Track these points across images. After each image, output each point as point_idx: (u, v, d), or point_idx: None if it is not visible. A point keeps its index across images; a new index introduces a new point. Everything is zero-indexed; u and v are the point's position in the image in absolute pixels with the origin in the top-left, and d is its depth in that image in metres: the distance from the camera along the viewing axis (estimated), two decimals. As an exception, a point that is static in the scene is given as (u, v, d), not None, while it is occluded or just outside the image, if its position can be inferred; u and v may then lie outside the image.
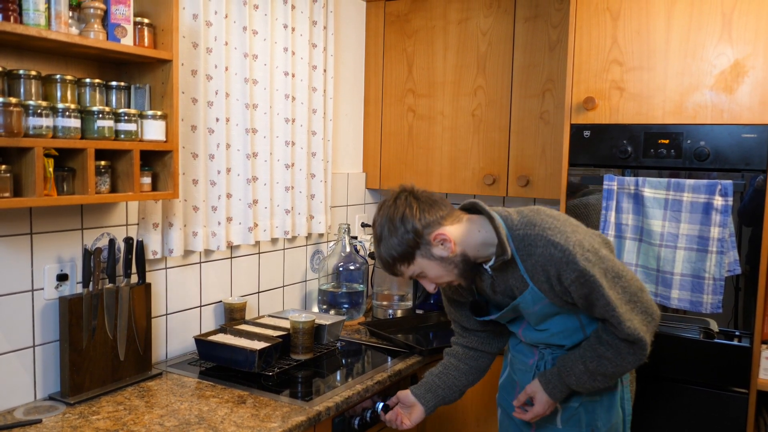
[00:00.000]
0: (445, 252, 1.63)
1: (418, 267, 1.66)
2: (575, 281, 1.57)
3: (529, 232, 1.62)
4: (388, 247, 1.63)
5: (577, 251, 1.56)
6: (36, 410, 1.76)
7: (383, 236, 1.64)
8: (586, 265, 1.56)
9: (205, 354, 2.15)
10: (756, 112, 2.07)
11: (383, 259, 1.67)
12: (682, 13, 2.15)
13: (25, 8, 1.52)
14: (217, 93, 2.25)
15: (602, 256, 1.59)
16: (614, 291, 1.58)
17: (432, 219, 1.63)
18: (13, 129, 1.50)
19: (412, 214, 1.61)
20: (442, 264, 1.65)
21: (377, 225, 1.66)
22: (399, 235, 1.61)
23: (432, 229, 1.62)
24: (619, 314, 1.57)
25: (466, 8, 2.88)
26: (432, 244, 1.63)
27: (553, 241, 1.58)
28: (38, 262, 1.83)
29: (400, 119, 3.10)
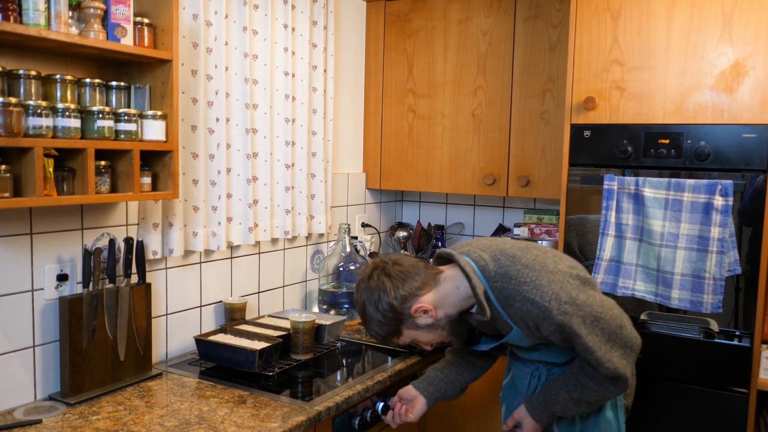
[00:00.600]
0: (429, 320, 1.68)
1: (408, 337, 1.72)
2: (553, 332, 1.61)
3: (506, 285, 1.63)
4: (375, 325, 1.69)
5: (552, 306, 1.57)
6: (36, 410, 1.76)
7: (367, 315, 1.70)
8: (563, 318, 1.57)
9: (205, 354, 2.14)
10: (756, 112, 2.07)
11: (375, 335, 1.73)
12: (683, 13, 2.15)
13: (25, 8, 1.52)
14: (218, 93, 2.25)
15: (580, 304, 1.58)
16: (593, 335, 1.59)
17: (407, 293, 1.65)
18: (13, 129, 1.49)
19: (386, 294, 1.65)
20: (429, 330, 1.70)
21: (359, 305, 1.71)
22: (381, 315, 1.66)
23: (410, 303, 1.66)
24: (598, 357, 1.60)
25: (466, 8, 2.88)
26: (414, 316, 1.67)
27: (529, 298, 1.59)
28: (38, 262, 1.83)
29: (401, 119, 3.10)
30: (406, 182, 3.11)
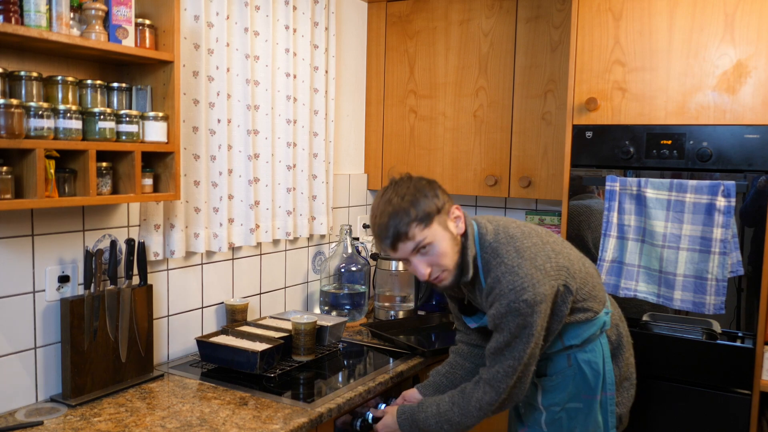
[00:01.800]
0: (456, 230, 1.69)
1: (432, 234, 1.64)
2: (492, 317, 1.67)
3: (491, 260, 1.69)
4: (411, 204, 1.63)
5: (510, 297, 1.62)
6: (37, 412, 1.76)
7: (407, 195, 1.65)
8: (506, 312, 1.62)
9: (206, 355, 2.14)
10: (759, 112, 2.07)
11: (399, 217, 1.63)
12: (685, 13, 2.15)
13: (27, 9, 1.52)
14: (219, 94, 2.25)
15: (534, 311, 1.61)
16: (516, 341, 1.64)
17: (445, 201, 1.70)
18: (15, 130, 1.49)
19: (437, 188, 1.70)
20: (451, 241, 1.68)
21: (392, 191, 1.68)
22: (426, 197, 1.65)
23: (451, 205, 1.71)
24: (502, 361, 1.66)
25: (467, 9, 2.88)
26: (449, 217, 1.69)
27: (499, 278, 1.65)
28: (40, 263, 1.83)
29: (402, 120, 3.09)
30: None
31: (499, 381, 1.67)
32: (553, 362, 1.79)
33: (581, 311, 1.74)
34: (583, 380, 1.76)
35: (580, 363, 1.75)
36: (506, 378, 1.66)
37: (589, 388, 1.76)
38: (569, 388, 1.77)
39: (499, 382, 1.68)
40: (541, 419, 1.82)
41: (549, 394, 1.80)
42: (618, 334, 1.84)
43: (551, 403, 1.79)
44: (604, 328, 1.79)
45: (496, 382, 1.68)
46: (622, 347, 1.84)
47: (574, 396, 1.77)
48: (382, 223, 1.65)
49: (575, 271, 1.71)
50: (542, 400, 1.81)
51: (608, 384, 1.78)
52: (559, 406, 1.78)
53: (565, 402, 1.78)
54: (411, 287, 2.86)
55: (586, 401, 1.77)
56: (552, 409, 1.80)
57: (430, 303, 2.96)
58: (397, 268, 2.82)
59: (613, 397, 1.80)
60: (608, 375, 1.78)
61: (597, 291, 1.78)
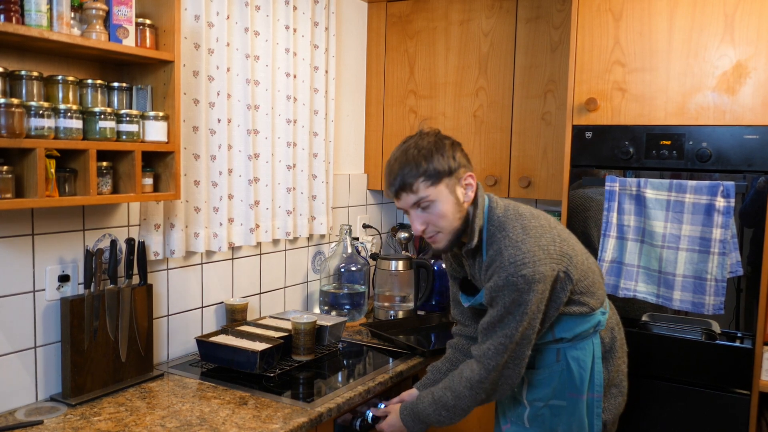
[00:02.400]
0: (463, 198, 1.68)
1: (436, 194, 1.65)
2: (489, 290, 1.66)
3: (497, 233, 1.68)
4: (426, 158, 1.63)
5: (509, 270, 1.60)
6: (37, 411, 1.76)
7: (424, 149, 1.64)
8: (504, 284, 1.61)
9: (206, 355, 2.14)
10: (758, 113, 2.07)
11: (409, 167, 1.64)
12: (685, 14, 2.15)
13: (27, 9, 1.52)
14: (219, 94, 2.25)
15: (532, 289, 1.60)
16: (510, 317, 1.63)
17: (469, 164, 1.70)
18: (15, 130, 1.49)
19: (458, 149, 1.69)
20: (454, 206, 1.67)
21: (413, 142, 1.68)
22: (441, 155, 1.63)
23: (467, 170, 1.69)
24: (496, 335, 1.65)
25: (467, 9, 2.88)
26: (459, 183, 1.67)
27: (501, 251, 1.64)
28: (40, 263, 1.83)
29: (402, 120, 3.10)
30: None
31: (489, 358, 1.66)
32: (542, 355, 1.77)
33: (577, 304, 1.72)
34: (569, 377, 1.74)
35: (568, 359, 1.74)
36: (496, 355, 1.65)
37: (574, 386, 1.74)
38: (555, 383, 1.75)
39: (489, 359, 1.66)
40: (524, 414, 1.80)
41: (534, 389, 1.78)
42: (612, 338, 1.82)
43: (535, 398, 1.78)
44: (598, 327, 1.77)
45: (486, 359, 1.66)
46: (614, 351, 1.81)
47: (559, 393, 1.75)
48: (392, 170, 1.68)
49: (578, 262, 1.71)
50: (527, 394, 1.80)
51: (596, 385, 1.75)
52: (543, 402, 1.77)
53: (549, 398, 1.76)
54: (411, 287, 2.86)
55: (571, 399, 1.75)
56: (535, 404, 1.78)
57: (429, 303, 2.96)
58: (397, 269, 2.82)
59: (600, 400, 1.76)
60: (596, 376, 1.75)
61: (596, 288, 1.77)
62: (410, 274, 2.85)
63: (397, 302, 2.84)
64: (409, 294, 2.86)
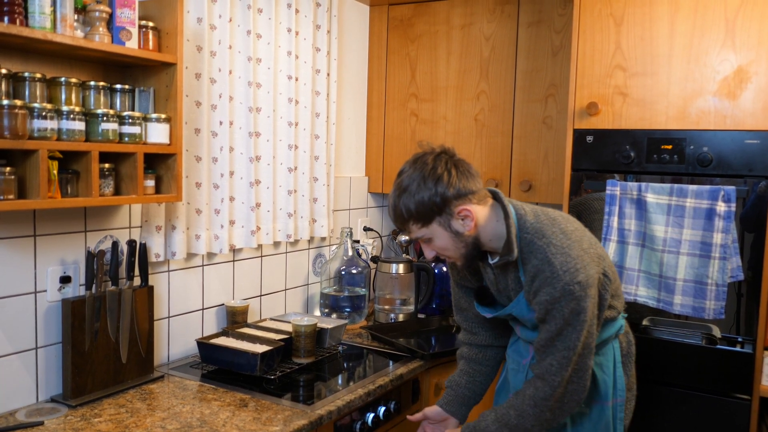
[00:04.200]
0: (463, 229, 1.60)
1: (430, 232, 1.61)
2: (542, 303, 1.57)
3: (536, 240, 1.59)
4: (410, 201, 1.58)
5: (565, 278, 1.53)
6: (38, 412, 1.76)
7: (409, 189, 1.58)
8: (561, 295, 1.53)
9: (207, 357, 2.15)
10: (759, 118, 2.07)
11: (398, 212, 1.61)
12: (686, 19, 2.15)
13: (31, 11, 1.52)
14: (221, 96, 2.26)
15: (588, 294, 1.54)
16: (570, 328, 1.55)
17: (464, 191, 1.58)
18: (18, 131, 1.50)
19: (447, 180, 1.57)
20: (454, 238, 1.61)
21: (406, 176, 1.60)
22: (426, 195, 1.56)
23: (460, 202, 1.58)
24: (557, 349, 1.56)
25: (469, 13, 2.89)
26: (454, 217, 1.59)
27: (549, 260, 1.55)
28: (41, 264, 1.83)
29: (403, 123, 3.10)
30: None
31: (552, 374, 1.57)
32: None
33: (608, 308, 1.68)
34: (593, 385, 1.70)
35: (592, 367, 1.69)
36: (560, 370, 1.56)
37: (598, 393, 1.71)
38: None
39: (552, 375, 1.57)
40: None
41: None
42: (628, 342, 1.80)
43: None
44: (620, 331, 1.76)
45: (549, 375, 1.57)
46: (630, 355, 1.80)
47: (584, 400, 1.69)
48: (390, 206, 1.65)
49: (609, 263, 1.68)
50: None
51: (618, 390, 1.73)
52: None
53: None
54: (411, 290, 2.86)
55: (595, 407, 1.72)
56: None
57: (430, 306, 2.96)
58: (398, 272, 2.82)
59: (623, 404, 1.74)
60: (618, 380, 1.73)
61: (620, 291, 1.74)
62: (411, 277, 2.85)
63: (397, 305, 2.84)
64: (409, 297, 2.86)
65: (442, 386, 2.42)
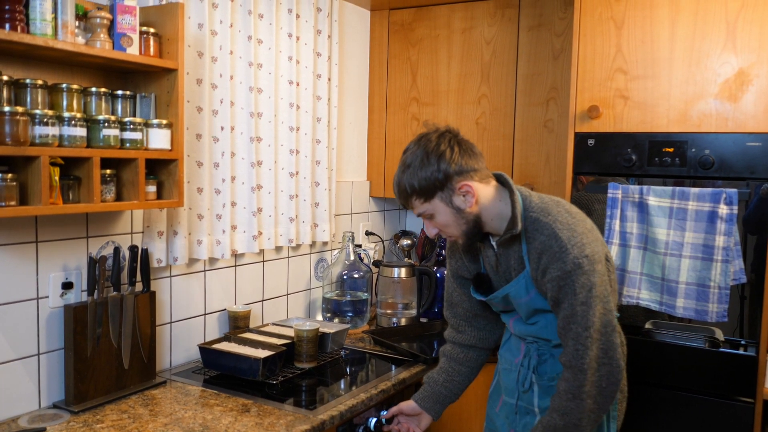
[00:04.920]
0: (464, 205, 1.63)
1: (432, 208, 1.65)
2: (554, 280, 1.57)
3: (542, 218, 1.62)
4: (413, 177, 1.62)
5: (574, 252, 1.55)
6: (40, 418, 1.76)
7: (412, 166, 1.62)
8: (572, 268, 1.55)
9: (209, 362, 2.14)
10: (761, 120, 2.07)
11: (402, 187, 1.66)
12: (686, 21, 2.15)
13: (32, 18, 1.53)
14: (222, 102, 2.26)
15: (596, 270, 1.56)
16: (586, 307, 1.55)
17: (466, 168, 1.62)
18: (20, 138, 1.50)
19: (450, 157, 1.60)
20: (455, 215, 1.65)
21: (410, 153, 1.65)
22: (429, 171, 1.60)
23: (461, 178, 1.62)
24: (577, 331, 1.55)
25: (470, 17, 2.89)
26: (455, 192, 1.62)
27: (556, 234, 1.58)
28: (43, 270, 1.83)
29: (405, 127, 3.10)
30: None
31: (577, 358, 1.55)
32: (556, 361, 1.73)
33: None
34: None
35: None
36: (583, 351, 1.54)
37: None
38: None
39: (577, 359, 1.55)
40: (534, 424, 1.76)
41: (547, 396, 1.74)
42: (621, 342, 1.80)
43: (548, 406, 1.71)
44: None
45: (576, 361, 1.55)
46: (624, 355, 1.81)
47: None
48: (394, 183, 1.69)
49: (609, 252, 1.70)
50: (538, 402, 1.76)
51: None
52: None
53: None
54: (413, 294, 2.86)
55: None
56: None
57: (432, 310, 2.95)
58: (400, 276, 2.82)
59: (616, 404, 1.74)
60: None
61: (616, 287, 1.74)
62: (413, 281, 2.85)
63: (399, 309, 2.84)
64: (411, 301, 2.86)
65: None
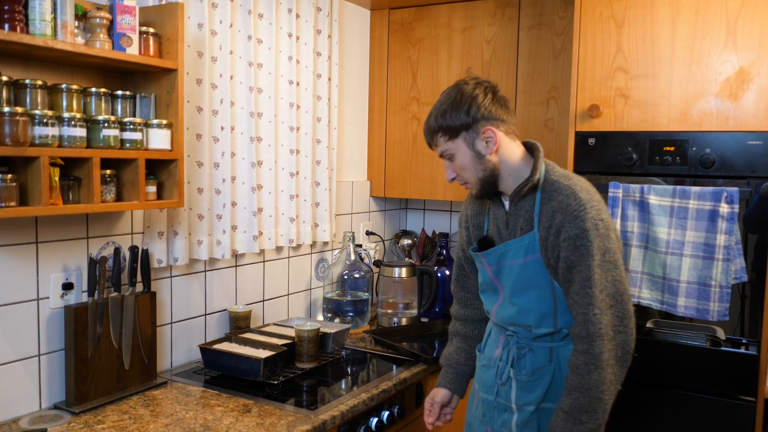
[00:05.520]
0: (485, 150, 1.69)
1: (454, 147, 1.71)
2: (570, 239, 1.60)
3: (562, 181, 1.68)
4: (443, 115, 1.70)
5: (591, 214, 1.60)
6: (41, 419, 1.76)
7: (445, 103, 1.70)
8: (590, 227, 1.59)
9: (210, 362, 2.14)
10: (761, 119, 2.07)
11: (430, 123, 1.73)
12: (687, 20, 2.15)
13: (32, 18, 1.53)
14: (222, 102, 2.26)
15: (611, 236, 1.62)
16: (601, 270, 1.59)
17: (494, 116, 1.69)
18: (20, 138, 1.50)
19: (481, 101, 1.68)
20: (474, 159, 1.70)
21: (446, 93, 1.73)
22: (458, 110, 1.68)
23: (487, 123, 1.68)
24: (593, 294, 1.57)
25: (470, 16, 2.89)
26: (479, 136, 1.68)
27: (576, 194, 1.64)
28: (44, 271, 1.83)
29: (405, 127, 3.10)
30: (410, 190, 3.11)
31: (595, 323, 1.57)
32: (534, 354, 1.73)
33: None
34: (560, 378, 1.70)
35: (561, 360, 1.70)
36: (600, 315, 1.57)
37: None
38: (547, 385, 1.71)
39: (595, 324, 1.57)
40: (511, 421, 1.75)
41: (524, 392, 1.73)
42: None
43: (526, 402, 1.72)
44: None
45: (593, 327, 1.57)
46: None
47: (551, 395, 1.70)
48: (425, 122, 1.77)
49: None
50: (516, 399, 1.74)
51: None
52: (534, 405, 1.71)
53: (540, 401, 1.71)
54: (414, 294, 2.86)
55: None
56: (525, 409, 1.72)
57: (433, 310, 2.95)
58: (400, 275, 2.82)
59: None
60: None
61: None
62: (413, 281, 2.85)
63: (400, 309, 2.84)
64: (412, 301, 2.86)
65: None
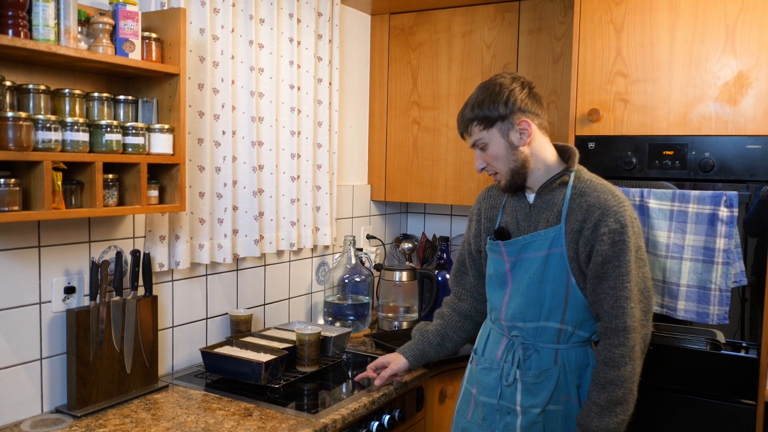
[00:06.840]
0: (519, 142, 1.74)
1: (488, 137, 1.76)
2: (609, 233, 1.66)
3: (597, 182, 1.75)
4: (480, 105, 1.74)
5: (629, 211, 1.68)
6: (43, 423, 1.77)
7: (483, 94, 1.75)
8: (629, 223, 1.66)
9: (211, 366, 2.15)
10: (760, 123, 2.08)
11: (466, 113, 1.78)
12: (686, 25, 2.16)
13: (35, 24, 1.54)
14: (224, 106, 2.27)
15: (641, 235, 1.70)
16: (635, 266, 1.66)
17: (530, 110, 1.74)
18: (23, 143, 1.51)
19: (518, 95, 1.73)
20: (507, 149, 1.75)
21: (482, 86, 1.78)
22: (496, 102, 1.72)
23: (523, 116, 1.73)
24: (630, 288, 1.64)
25: (470, 21, 2.90)
26: (514, 127, 1.73)
27: (612, 191, 1.71)
28: (46, 274, 1.84)
29: (405, 131, 3.11)
30: (411, 194, 3.12)
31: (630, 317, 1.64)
32: (540, 356, 1.74)
33: None
34: (564, 380, 1.72)
35: (566, 363, 1.73)
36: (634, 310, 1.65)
37: (567, 389, 1.73)
38: (552, 387, 1.72)
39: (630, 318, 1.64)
40: (515, 424, 1.75)
41: (530, 395, 1.73)
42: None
43: (531, 405, 1.73)
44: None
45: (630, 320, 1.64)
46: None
47: (556, 397, 1.72)
48: (460, 112, 1.82)
49: None
50: (522, 401, 1.74)
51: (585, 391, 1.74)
52: (540, 408, 1.72)
53: (546, 403, 1.72)
54: (415, 298, 2.86)
55: (566, 403, 1.73)
56: (531, 412, 1.73)
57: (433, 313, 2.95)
58: (401, 279, 2.83)
59: None
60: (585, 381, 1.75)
61: None
62: (414, 284, 2.85)
63: (401, 313, 2.85)
64: (413, 305, 2.86)
65: (446, 393, 2.42)
